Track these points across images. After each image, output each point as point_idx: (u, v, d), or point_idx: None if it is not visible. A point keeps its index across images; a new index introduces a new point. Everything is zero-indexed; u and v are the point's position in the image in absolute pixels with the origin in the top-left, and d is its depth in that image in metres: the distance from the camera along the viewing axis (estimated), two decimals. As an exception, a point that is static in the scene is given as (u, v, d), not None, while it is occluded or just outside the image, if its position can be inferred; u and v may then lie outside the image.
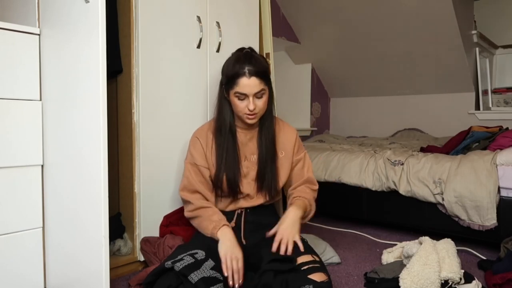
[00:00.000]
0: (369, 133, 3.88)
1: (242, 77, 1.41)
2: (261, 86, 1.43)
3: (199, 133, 1.58)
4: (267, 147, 1.53)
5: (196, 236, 1.48)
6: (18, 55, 1.36)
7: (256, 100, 1.44)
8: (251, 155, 1.55)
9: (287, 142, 1.58)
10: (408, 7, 3.03)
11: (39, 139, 1.42)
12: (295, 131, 1.63)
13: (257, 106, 1.44)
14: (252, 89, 1.41)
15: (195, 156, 1.53)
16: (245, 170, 1.53)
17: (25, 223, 1.40)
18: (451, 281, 1.42)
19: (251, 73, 1.40)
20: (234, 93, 1.44)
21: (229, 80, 1.45)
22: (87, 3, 1.23)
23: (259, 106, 1.45)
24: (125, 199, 1.75)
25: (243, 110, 1.44)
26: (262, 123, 1.54)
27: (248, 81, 1.41)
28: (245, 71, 1.40)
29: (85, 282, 1.33)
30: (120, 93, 1.76)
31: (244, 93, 1.42)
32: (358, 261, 1.90)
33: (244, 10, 2.10)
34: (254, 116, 1.46)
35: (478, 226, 1.95)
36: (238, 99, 1.44)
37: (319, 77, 4.10)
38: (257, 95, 1.43)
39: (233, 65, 1.44)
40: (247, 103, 1.43)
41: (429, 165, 2.17)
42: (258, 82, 1.42)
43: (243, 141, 1.54)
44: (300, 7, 3.54)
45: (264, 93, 1.46)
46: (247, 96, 1.42)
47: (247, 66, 1.41)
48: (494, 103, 3.52)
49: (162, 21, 1.73)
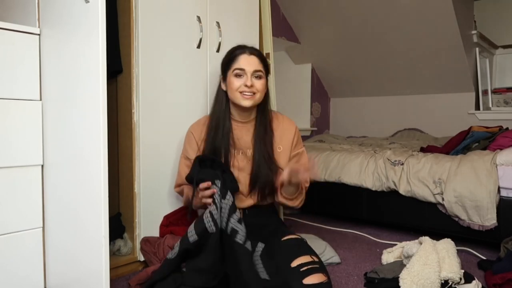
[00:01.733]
0: (369, 133, 3.88)
1: (243, 54, 1.46)
2: (260, 67, 1.46)
3: (194, 127, 1.59)
4: (263, 142, 1.51)
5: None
6: (18, 55, 1.36)
7: (254, 79, 1.45)
8: (247, 149, 1.52)
9: (285, 136, 1.56)
10: (408, 7, 3.03)
11: (39, 139, 1.42)
12: (294, 125, 1.61)
13: (254, 85, 1.44)
14: (251, 66, 1.44)
15: (188, 149, 1.55)
16: (240, 163, 1.51)
17: (25, 223, 1.39)
18: (451, 281, 1.42)
19: (252, 53, 1.47)
20: (233, 71, 1.45)
21: (229, 60, 1.48)
22: (87, 3, 1.23)
23: (257, 87, 1.45)
24: (125, 199, 1.75)
25: (239, 87, 1.44)
26: (258, 115, 1.53)
27: (248, 58, 1.45)
28: (246, 50, 1.47)
29: (85, 282, 1.33)
30: (120, 93, 1.76)
31: (243, 68, 1.44)
32: (358, 261, 1.90)
33: (244, 10, 2.10)
34: (250, 95, 1.45)
35: (478, 226, 1.95)
36: (236, 76, 1.45)
37: (319, 77, 4.10)
38: (255, 75, 1.45)
39: (234, 49, 1.50)
40: (245, 80, 1.44)
41: (429, 165, 2.17)
42: (257, 62, 1.46)
43: (238, 135, 1.53)
44: (300, 7, 3.54)
45: (263, 76, 1.47)
46: (245, 73, 1.44)
47: (248, 48, 1.48)
48: (494, 103, 3.52)
49: (162, 21, 1.73)
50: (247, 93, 1.44)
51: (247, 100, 1.45)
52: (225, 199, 1.29)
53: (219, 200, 1.29)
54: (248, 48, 1.49)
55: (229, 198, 1.30)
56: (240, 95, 1.45)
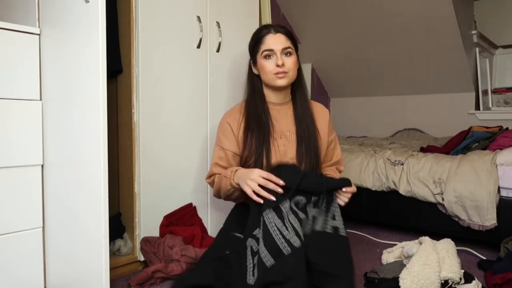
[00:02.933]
0: (369, 133, 3.88)
1: (268, 34, 1.43)
2: (288, 43, 1.42)
3: (229, 116, 1.52)
4: (305, 118, 1.46)
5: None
6: (18, 55, 1.36)
7: (284, 57, 1.41)
8: (288, 132, 1.47)
9: (321, 121, 1.52)
10: (408, 7, 3.03)
11: (39, 139, 1.42)
12: (326, 110, 1.59)
13: (285, 63, 1.40)
14: (279, 45, 1.40)
15: (223, 140, 1.49)
16: (282, 148, 1.45)
17: (25, 223, 1.40)
18: (451, 281, 1.42)
19: (277, 30, 1.43)
20: (262, 53, 1.42)
21: (256, 43, 1.45)
22: (87, 3, 1.24)
23: (288, 65, 1.41)
24: (125, 199, 1.75)
25: (272, 69, 1.41)
26: (294, 93, 1.50)
27: (275, 37, 1.42)
28: (271, 29, 1.43)
29: (85, 282, 1.33)
30: (120, 93, 1.76)
31: (271, 48, 1.40)
32: (358, 261, 1.90)
33: (244, 10, 2.10)
34: (284, 74, 1.41)
35: (478, 226, 1.95)
36: (266, 58, 1.42)
37: (319, 77, 4.10)
38: (285, 52, 1.41)
39: (259, 30, 1.47)
40: (275, 60, 1.40)
41: (429, 165, 2.17)
42: (284, 39, 1.42)
43: (276, 117, 1.48)
44: (300, 7, 3.54)
45: (292, 53, 1.44)
46: (275, 53, 1.40)
47: (273, 27, 1.44)
48: (494, 103, 3.52)
49: (162, 21, 1.73)
50: (280, 73, 1.41)
51: (281, 79, 1.42)
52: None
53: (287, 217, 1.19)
54: (273, 26, 1.45)
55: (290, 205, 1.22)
56: (274, 76, 1.42)
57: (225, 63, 1.99)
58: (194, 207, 1.88)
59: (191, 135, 1.87)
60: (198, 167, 1.90)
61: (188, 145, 1.86)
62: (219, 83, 1.97)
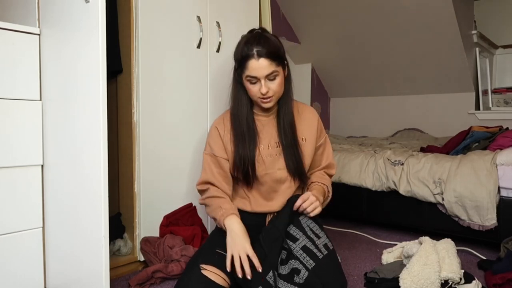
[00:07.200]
0: (369, 133, 3.88)
1: (251, 59, 1.35)
2: (272, 68, 1.36)
3: (217, 123, 1.51)
4: (286, 131, 1.46)
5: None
6: (18, 55, 1.36)
7: (268, 82, 1.37)
8: (274, 141, 1.48)
9: (307, 128, 1.51)
10: (408, 7, 3.03)
11: (39, 139, 1.42)
12: (315, 114, 1.56)
13: (270, 89, 1.37)
14: (262, 72, 1.35)
15: (213, 147, 1.48)
16: (269, 158, 1.45)
17: (25, 223, 1.40)
18: (451, 281, 1.42)
19: (260, 55, 1.34)
20: (246, 77, 1.39)
21: (239, 64, 1.40)
22: (87, 3, 1.23)
23: (273, 89, 1.38)
24: (125, 199, 1.75)
25: (256, 94, 1.39)
26: (280, 106, 1.48)
27: (258, 63, 1.35)
28: (254, 52, 1.34)
29: (85, 282, 1.33)
30: (120, 93, 1.76)
31: (254, 76, 1.36)
32: (358, 261, 1.90)
33: (244, 10, 2.10)
34: (268, 99, 1.40)
35: (478, 226, 1.95)
36: (250, 83, 1.39)
37: (319, 77, 4.10)
38: (269, 77, 1.37)
39: (242, 47, 1.39)
40: (259, 86, 1.37)
41: (429, 165, 2.17)
42: (268, 64, 1.35)
43: (262, 127, 1.48)
44: (300, 7, 3.54)
45: (277, 74, 1.38)
46: (259, 80, 1.37)
47: (256, 47, 1.35)
48: (494, 103, 3.52)
49: (162, 21, 1.73)
50: (264, 99, 1.40)
51: (265, 104, 1.41)
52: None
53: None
54: (255, 48, 1.36)
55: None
56: (258, 99, 1.41)
57: (225, 63, 1.99)
58: (194, 207, 1.88)
59: (191, 135, 1.87)
60: (198, 167, 1.89)
61: (188, 145, 1.86)
62: (219, 83, 1.97)
